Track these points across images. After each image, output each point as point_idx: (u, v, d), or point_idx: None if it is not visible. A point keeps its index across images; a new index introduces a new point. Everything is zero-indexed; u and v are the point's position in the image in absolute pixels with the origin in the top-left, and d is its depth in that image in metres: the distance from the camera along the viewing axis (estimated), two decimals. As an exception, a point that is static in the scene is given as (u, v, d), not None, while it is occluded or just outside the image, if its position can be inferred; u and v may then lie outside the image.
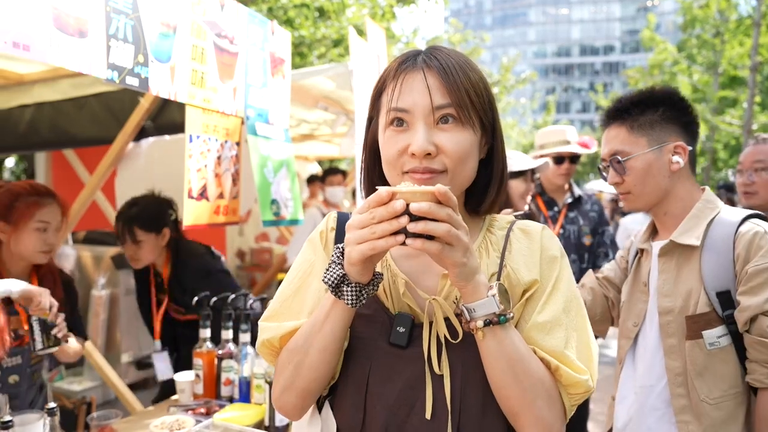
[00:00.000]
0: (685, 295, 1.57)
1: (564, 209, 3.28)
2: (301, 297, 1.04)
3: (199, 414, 2.03)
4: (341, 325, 0.93)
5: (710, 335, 1.52)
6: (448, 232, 0.81)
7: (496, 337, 0.89)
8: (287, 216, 2.71)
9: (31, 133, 3.43)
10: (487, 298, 0.88)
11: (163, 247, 2.65)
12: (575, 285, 1.03)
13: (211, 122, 2.29)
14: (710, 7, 15.42)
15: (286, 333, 1.00)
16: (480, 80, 0.97)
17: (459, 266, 0.84)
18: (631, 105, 1.68)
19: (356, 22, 8.62)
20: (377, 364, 0.97)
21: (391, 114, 0.95)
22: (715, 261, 1.54)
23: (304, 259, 1.08)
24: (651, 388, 1.65)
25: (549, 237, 1.05)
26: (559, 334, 0.95)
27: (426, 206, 0.80)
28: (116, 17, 1.72)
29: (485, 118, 0.97)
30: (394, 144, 0.95)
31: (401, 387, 0.95)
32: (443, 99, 0.93)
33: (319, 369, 0.95)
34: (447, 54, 0.97)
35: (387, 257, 1.03)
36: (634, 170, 1.65)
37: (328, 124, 4.78)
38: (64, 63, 1.55)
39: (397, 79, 0.95)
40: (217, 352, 2.23)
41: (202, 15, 2.14)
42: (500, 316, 0.88)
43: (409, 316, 0.97)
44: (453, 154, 0.92)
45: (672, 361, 1.59)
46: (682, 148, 1.63)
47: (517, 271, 0.99)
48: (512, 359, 0.90)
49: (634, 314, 1.74)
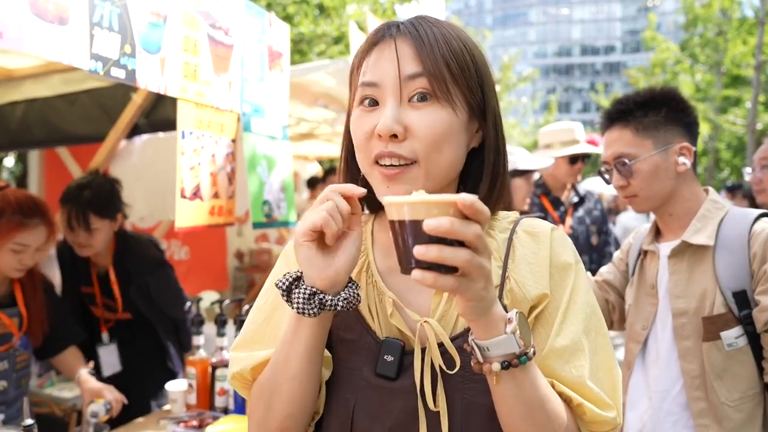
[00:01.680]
0: (700, 296, 1.55)
1: (570, 209, 3.18)
2: (276, 321, 0.90)
3: (191, 427, 1.92)
4: (311, 347, 0.79)
5: (728, 336, 1.51)
6: (470, 262, 0.62)
7: (515, 380, 0.73)
8: (279, 218, 2.60)
9: (22, 131, 3.33)
10: (506, 335, 0.71)
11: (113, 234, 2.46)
12: (593, 297, 0.88)
13: (205, 117, 2.18)
14: (713, 6, 15.31)
15: (258, 364, 0.86)
16: (464, 50, 0.81)
17: (476, 300, 0.67)
18: (634, 106, 1.66)
19: (357, 19, 8.51)
20: (363, 398, 0.82)
21: (360, 91, 0.82)
22: (729, 260, 1.53)
23: (277, 275, 0.92)
24: (666, 392, 1.61)
25: (560, 239, 0.89)
26: (581, 362, 0.80)
27: (447, 223, 0.60)
28: (101, 4, 1.61)
29: (472, 97, 0.81)
30: (361, 125, 0.81)
31: (391, 425, 0.80)
32: (415, 67, 0.78)
33: (292, 403, 0.81)
34: (431, 23, 0.82)
35: (373, 271, 0.89)
36: (641, 173, 1.63)
37: (328, 122, 4.68)
38: (41, 52, 1.43)
39: (369, 52, 0.82)
40: (211, 361, 2.12)
41: (195, 4, 2.03)
42: (521, 357, 0.72)
43: (399, 342, 0.82)
44: (424, 137, 0.77)
45: (688, 364, 1.56)
46: (687, 149, 1.62)
47: (522, 284, 0.84)
48: (532, 405, 0.75)
49: (642, 317, 1.71)
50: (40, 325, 2.08)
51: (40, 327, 2.08)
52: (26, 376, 2.10)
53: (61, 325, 2.21)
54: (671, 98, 1.66)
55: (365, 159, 0.82)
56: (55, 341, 2.19)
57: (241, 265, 5.90)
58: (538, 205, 3.21)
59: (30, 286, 2.08)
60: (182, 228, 2.09)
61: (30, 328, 2.05)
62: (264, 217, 2.48)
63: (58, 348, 2.21)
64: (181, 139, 2.07)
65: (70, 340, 2.24)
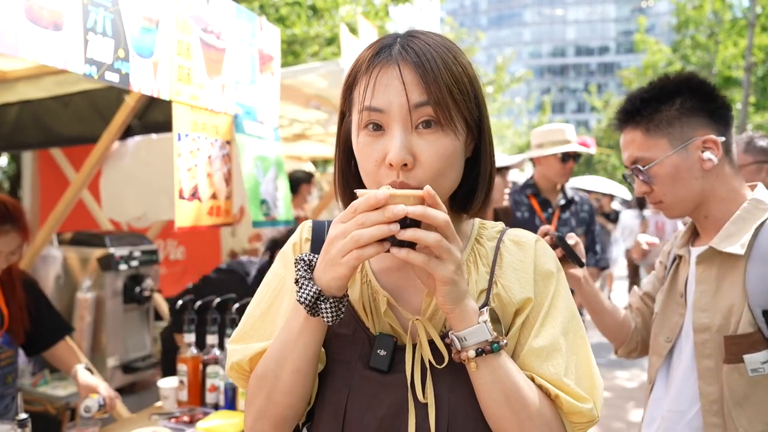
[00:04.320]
0: (726, 311, 1.34)
1: (557, 210, 3.24)
2: (272, 317, 0.95)
3: (182, 422, 1.96)
4: (315, 343, 0.85)
5: (753, 360, 1.30)
6: (439, 243, 0.75)
7: (490, 366, 0.82)
8: (277, 216, 2.64)
9: (16, 132, 3.35)
10: (478, 325, 0.81)
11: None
12: (573, 302, 0.94)
13: (200, 120, 2.22)
14: (704, 8, 15.43)
15: (256, 354, 0.92)
16: (464, 74, 0.86)
17: (448, 283, 0.77)
18: (641, 104, 1.45)
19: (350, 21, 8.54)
20: (356, 390, 0.88)
21: (365, 115, 0.85)
22: (763, 274, 1.31)
23: (275, 274, 0.99)
24: (681, 413, 1.44)
25: (544, 249, 0.96)
26: (558, 361, 0.86)
27: (421, 209, 0.74)
28: (94, 10, 1.65)
29: (470, 117, 0.87)
30: (371, 153, 0.85)
31: (382, 416, 0.86)
32: (421, 96, 0.82)
33: (293, 393, 0.87)
34: (426, 43, 0.85)
35: (368, 271, 0.95)
36: (660, 177, 1.43)
37: (320, 123, 4.72)
38: (37, 57, 1.48)
39: (370, 74, 0.85)
40: (202, 358, 2.16)
41: (187, 9, 2.07)
42: (493, 344, 0.81)
43: (391, 338, 0.88)
44: (430, 168, 0.83)
45: (707, 386, 1.37)
46: (712, 142, 1.39)
47: (509, 288, 0.90)
48: (508, 389, 0.82)
49: (668, 328, 1.51)
50: (21, 322, 2.10)
51: (22, 325, 2.10)
52: (12, 372, 2.11)
53: (48, 320, 2.23)
54: (687, 85, 1.43)
55: (374, 185, 0.86)
56: (42, 337, 2.20)
57: (234, 265, 5.93)
58: (527, 205, 3.26)
59: (9, 285, 2.10)
60: (182, 228, 2.13)
61: (11, 325, 2.07)
62: (263, 216, 2.53)
63: (46, 343, 2.22)
64: (178, 141, 2.11)
65: (58, 334, 2.25)
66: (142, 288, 3.34)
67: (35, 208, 4.21)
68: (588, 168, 27.72)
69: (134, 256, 3.35)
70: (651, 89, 1.47)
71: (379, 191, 0.76)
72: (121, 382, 3.37)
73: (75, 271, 3.67)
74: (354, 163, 0.93)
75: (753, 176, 2.15)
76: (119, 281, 3.33)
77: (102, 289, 3.50)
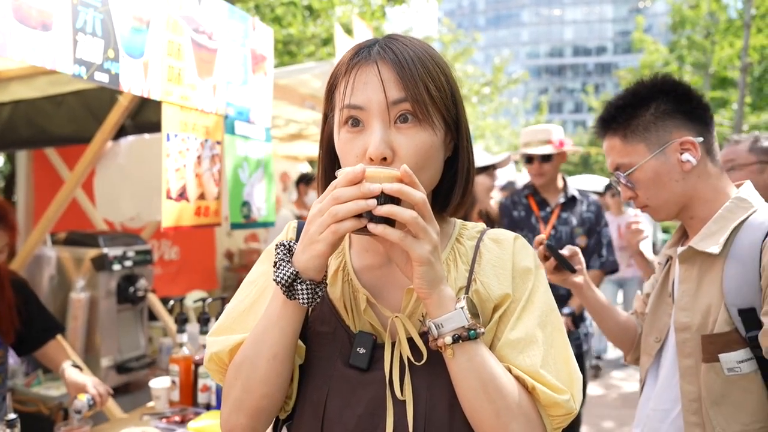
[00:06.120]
0: (704, 310, 1.35)
1: (557, 209, 3.22)
2: (255, 312, 0.95)
3: (173, 422, 1.96)
4: (293, 329, 0.85)
5: (729, 359, 1.30)
6: (415, 220, 0.76)
7: (466, 354, 0.82)
8: (258, 218, 2.64)
9: (9, 132, 3.34)
10: (455, 311, 0.81)
11: None
12: (552, 298, 0.95)
13: (190, 120, 2.22)
14: (700, 8, 15.47)
15: (236, 345, 0.92)
16: (440, 73, 0.88)
17: (424, 263, 0.78)
18: (617, 111, 1.47)
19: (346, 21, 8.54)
20: (336, 387, 0.89)
21: (345, 112, 0.87)
22: (739, 273, 1.31)
23: (260, 272, 0.99)
24: (666, 412, 1.46)
25: (522, 247, 0.97)
26: (534, 352, 0.87)
27: (397, 186, 0.76)
28: (84, 10, 1.65)
29: (448, 114, 0.89)
30: (351, 149, 0.87)
31: (361, 413, 0.87)
32: (399, 93, 0.84)
33: (269, 382, 0.87)
34: (404, 44, 0.88)
35: (349, 269, 0.95)
36: (642, 182, 1.45)
37: (316, 123, 4.72)
38: (25, 57, 1.47)
39: (349, 74, 0.87)
40: (194, 358, 2.16)
41: (178, 9, 2.07)
42: (470, 331, 0.81)
43: (371, 336, 0.89)
44: (408, 162, 0.83)
45: (687, 385, 1.38)
46: (690, 144, 1.40)
47: (488, 285, 0.92)
48: (484, 378, 0.82)
49: (657, 328, 1.52)
50: (11, 322, 2.08)
51: (11, 324, 2.08)
52: (2, 373, 2.10)
53: (38, 319, 2.22)
54: (660, 89, 1.44)
55: None
56: (32, 336, 2.18)
57: (230, 265, 5.92)
58: (524, 204, 3.27)
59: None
60: (168, 228, 2.14)
61: (0, 325, 2.06)
62: (242, 218, 2.53)
63: (37, 342, 2.21)
64: (166, 141, 2.11)
65: (48, 334, 2.23)
66: (136, 288, 3.34)
67: (29, 208, 4.21)
68: (585, 168, 27.81)
69: (128, 256, 3.35)
70: (626, 96, 1.48)
71: (356, 166, 0.77)
72: (115, 383, 3.36)
73: (69, 271, 3.66)
74: (337, 164, 0.94)
75: (756, 176, 2.15)
76: (113, 281, 3.32)
77: (96, 289, 3.49)
